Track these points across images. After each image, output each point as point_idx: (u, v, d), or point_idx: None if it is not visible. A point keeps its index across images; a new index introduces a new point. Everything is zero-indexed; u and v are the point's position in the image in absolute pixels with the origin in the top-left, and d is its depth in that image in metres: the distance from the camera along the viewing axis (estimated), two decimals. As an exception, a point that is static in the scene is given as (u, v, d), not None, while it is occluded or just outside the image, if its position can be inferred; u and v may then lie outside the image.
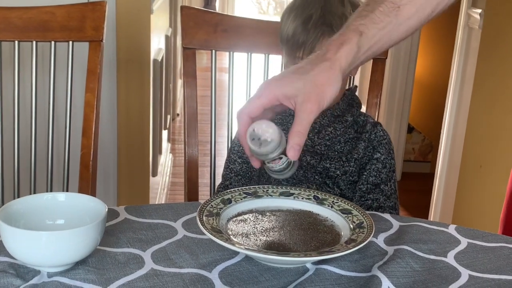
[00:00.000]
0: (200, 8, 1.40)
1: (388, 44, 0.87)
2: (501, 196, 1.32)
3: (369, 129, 1.22)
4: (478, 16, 2.28)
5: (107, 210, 0.85)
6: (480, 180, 2.28)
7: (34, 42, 1.34)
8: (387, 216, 1.05)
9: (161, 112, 2.76)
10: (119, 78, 2.01)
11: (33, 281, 0.79)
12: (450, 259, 0.90)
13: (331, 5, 1.16)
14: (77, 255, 0.81)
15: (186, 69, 1.37)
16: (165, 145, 3.26)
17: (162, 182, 2.93)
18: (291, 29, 1.17)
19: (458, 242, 0.96)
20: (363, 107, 1.31)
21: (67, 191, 1.39)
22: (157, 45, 2.49)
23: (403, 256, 0.88)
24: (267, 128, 0.81)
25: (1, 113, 1.36)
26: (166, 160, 3.23)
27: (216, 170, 1.41)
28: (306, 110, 0.79)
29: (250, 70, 1.41)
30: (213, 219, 0.91)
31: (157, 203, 2.55)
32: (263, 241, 0.88)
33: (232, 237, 0.88)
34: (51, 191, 1.38)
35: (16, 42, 1.34)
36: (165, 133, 3.20)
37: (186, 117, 1.38)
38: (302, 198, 1.01)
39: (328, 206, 0.99)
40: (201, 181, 1.42)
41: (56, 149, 1.42)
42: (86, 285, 0.79)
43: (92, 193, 1.34)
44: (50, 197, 0.90)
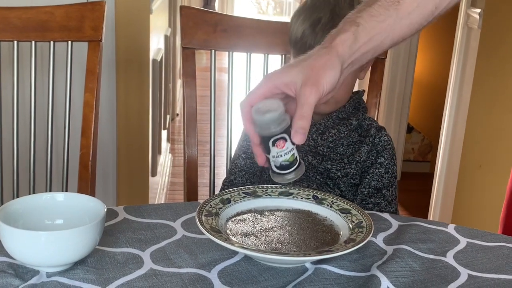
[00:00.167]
0: (199, 8, 1.40)
1: (391, 39, 0.88)
2: (501, 196, 1.32)
3: (374, 133, 1.22)
4: (477, 16, 2.28)
5: (106, 210, 0.85)
6: (480, 179, 2.28)
7: (33, 42, 1.34)
8: (386, 215, 1.05)
9: (160, 112, 2.76)
10: (118, 78, 2.01)
11: (32, 281, 0.79)
12: (449, 258, 0.90)
13: (341, 8, 1.15)
14: (76, 255, 0.81)
15: (185, 69, 1.37)
16: (165, 145, 3.26)
17: (162, 182, 2.93)
18: (300, 32, 1.17)
19: (457, 241, 0.96)
20: (363, 107, 1.31)
21: (66, 191, 1.39)
22: (157, 45, 2.48)
23: (403, 256, 0.89)
24: (271, 101, 0.84)
25: (0, 113, 1.36)
26: (165, 160, 3.23)
27: (216, 170, 1.41)
28: (305, 93, 0.81)
29: (249, 70, 1.41)
30: (212, 219, 0.90)
31: (156, 203, 2.55)
32: (262, 240, 0.88)
33: (231, 237, 0.88)
34: (50, 191, 1.38)
35: (15, 42, 1.34)
36: (164, 133, 3.20)
37: (185, 117, 1.38)
38: (301, 197, 1.01)
39: (327, 205, 0.99)
40: (200, 181, 1.42)
41: (55, 149, 1.42)
42: (85, 285, 0.79)
43: (91, 193, 1.34)
44: (49, 197, 0.90)
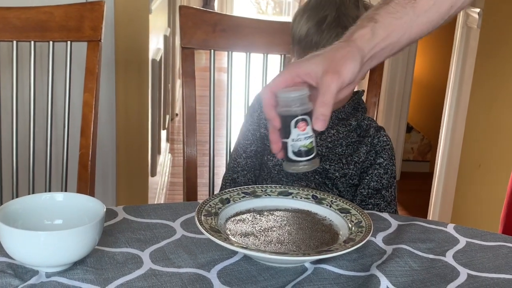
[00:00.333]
0: (198, 8, 1.40)
1: (408, 36, 0.89)
2: (500, 195, 1.32)
3: (372, 134, 1.22)
4: (476, 16, 2.28)
5: (105, 210, 0.85)
6: (479, 179, 2.28)
7: (32, 42, 1.34)
8: (385, 215, 1.05)
9: (159, 112, 2.75)
10: (118, 78, 2.01)
11: (31, 281, 0.79)
12: (448, 258, 0.90)
13: (346, 7, 1.15)
14: (76, 255, 0.81)
15: (184, 69, 1.37)
16: (164, 145, 3.25)
17: (161, 182, 2.93)
18: (304, 30, 1.17)
19: (456, 241, 0.96)
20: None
21: (65, 191, 1.39)
22: (156, 45, 2.48)
23: (402, 255, 0.89)
24: (294, 88, 0.85)
25: (-1, 113, 1.36)
26: (165, 160, 3.23)
27: (215, 170, 1.41)
28: (326, 81, 0.81)
29: (248, 70, 1.41)
30: (212, 218, 0.91)
31: (155, 203, 2.55)
32: (261, 240, 0.88)
33: (230, 237, 0.88)
34: (49, 191, 1.38)
35: (14, 42, 1.34)
36: (164, 133, 3.20)
37: (185, 117, 1.38)
38: (301, 197, 1.01)
39: (327, 205, 0.99)
40: (200, 181, 1.42)
41: (55, 149, 1.42)
42: (85, 285, 0.79)
43: (91, 193, 1.34)
44: (48, 197, 0.90)
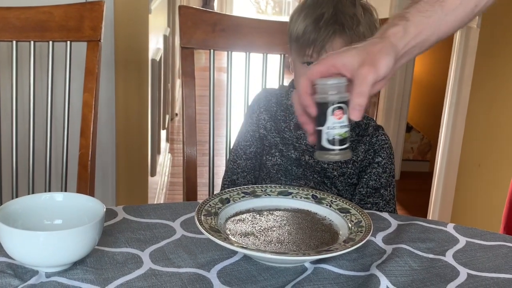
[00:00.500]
0: (198, 7, 1.40)
1: (436, 35, 0.90)
2: (500, 195, 1.32)
3: (371, 133, 1.22)
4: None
5: (105, 210, 0.85)
6: (479, 178, 2.28)
7: (32, 42, 1.34)
8: (385, 215, 1.05)
9: (159, 112, 2.75)
10: (117, 78, 2.01)
11: (31, 281, 0.79)
12: (448, 257, 0.90)
13: (343, 5, 1.16)
14: (75, 255, 0.81)
15: (184, 68, 1.37)
16: (164, 145, 3.25)
17: (161, 182, 2.93)
18: (302, 28, 1.17)
19: (456, 240, 0.96)
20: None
21: (65, 191, 1.39)
22: (155, 45, 2.48)
23: (402, 255, 0.88)
24: (333, 77, 0.85)
25: (-1, 113, 1.36)
26: (164, 160, 3.23)
27: (215, 170, 1.41)
28: (363, 72, 0.83)
29: (248, 70, 1.41)
30: (211, 218, 0.90)
31: (155, 203, 2.55)
32: (261, 240, 0.88)
33: (230, 237, 0.88)
34: (49, 191, 1.38)
35: (14, 42, 1.34)
36: (163, 133, 3.20)
37: (184, 117, 1.38)
38: (300, 197, 1.01)
39: (327, 205, 0.99)
40: (199, 180, 1.42)
41: (54, 149, 1.42)
42: (84, 285, 0.79)
43: (91, 193, 1.34)
44: (48, 197, 0.90)
